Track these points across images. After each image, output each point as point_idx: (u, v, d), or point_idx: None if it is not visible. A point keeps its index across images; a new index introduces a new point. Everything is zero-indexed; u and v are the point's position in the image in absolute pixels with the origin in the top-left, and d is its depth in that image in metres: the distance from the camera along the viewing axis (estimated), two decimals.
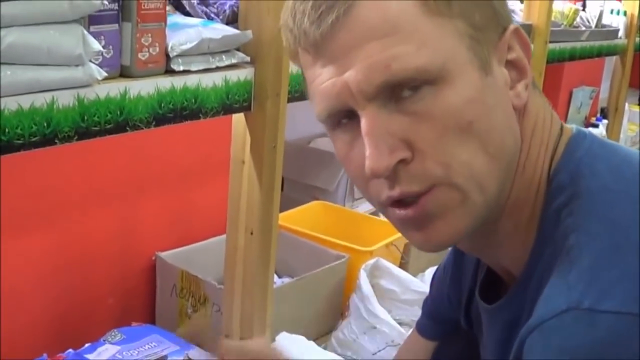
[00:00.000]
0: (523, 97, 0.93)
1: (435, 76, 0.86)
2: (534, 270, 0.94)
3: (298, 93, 1.87)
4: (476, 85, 0.87)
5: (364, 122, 0.88)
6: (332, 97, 0.89)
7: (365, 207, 3.11)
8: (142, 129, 1.48)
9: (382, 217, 2.74)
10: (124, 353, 1.90)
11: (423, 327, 1.43)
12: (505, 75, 0.92)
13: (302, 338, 2.06)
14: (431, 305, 1.40)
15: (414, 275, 2.44)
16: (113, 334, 1.97)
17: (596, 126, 4.80)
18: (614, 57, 4.80)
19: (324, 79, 0.90)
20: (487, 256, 1.08)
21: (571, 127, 1.01)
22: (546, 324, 0.81)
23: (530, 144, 0.96)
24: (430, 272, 2.54)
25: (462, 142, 0.87)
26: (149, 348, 1.94)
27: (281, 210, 2.05)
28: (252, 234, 1.83)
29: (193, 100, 1.58)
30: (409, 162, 0.88)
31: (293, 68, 1.81)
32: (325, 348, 2.17)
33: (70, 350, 1.92)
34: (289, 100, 1.79)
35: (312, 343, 2.08)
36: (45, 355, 1.87)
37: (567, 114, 5.07)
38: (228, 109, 1.67)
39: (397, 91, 0.87)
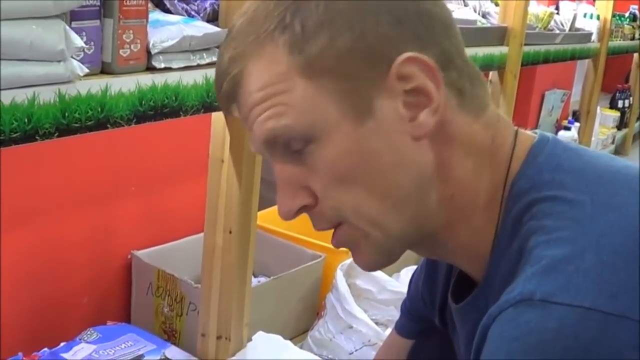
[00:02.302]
0: (426, 125, 0.93)
1: (309, 135, 0.92)
2: (496, 272, 0.96)
3: None
4: (350, 136, 0.91)
5: (274, 171, 0.98)
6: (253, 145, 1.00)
7: None
8: (123, 126, 1.47)
9: None
10: (100, 352, 1.88)
11: (401, 326, 1.45)
12: (397, 110, 0.92)
13: (279, 337, 2.05)
14: (409, 304, 1.41)
15: (390, 275, 2.45)
16: (89, 332, 1.96)
17: (569, 129, 4.83)
18: (586, 61, 4.84)
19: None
20: (449, 261, 1.12)
21: (534, 132, 1.02)
22: (502, 313, 0.84)
23: (464, 161, 0.97)
24: (405, 271, 2.54)
25: (347, 190, 0.94)
26: (125, 347, 1.92)
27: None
28: (230, 233, 1.83)
29: (174, 98, 1.57)
30: (312, 206, 0.97)
31: None
32: (301, 347, 2.17)
33: (46, 349, 1.90)
34: None
35: (288, 342, 2.07)
36: (20, 354, 1.85)
37: (538, 117, 5.10)
38: (208, 107, 1.66)
39: (290, 146, 0.94)
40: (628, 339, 0.78)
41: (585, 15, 4.56)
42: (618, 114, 6.51)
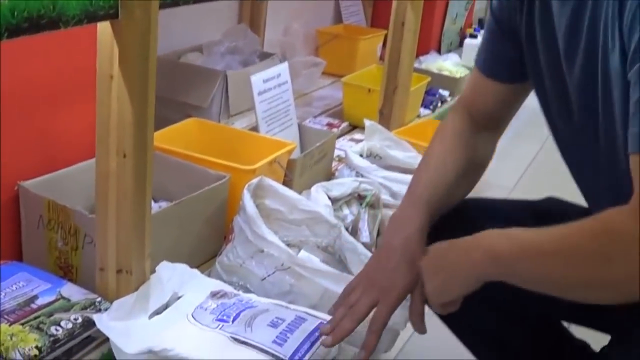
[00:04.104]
0: None
1: None
2: None
3: None
4: None
5: None
6: None
7: (242, 123, 2.98)
8: None
9: (262, 134, 2.61)
10: None
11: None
12: None
13: (184, 266, 1.92)
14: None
15: (299, 193, 2.32)
16: None
17: (475, 37, 4.75)
18: None
19: None
20: None
21: None
22: None
23: None
24: (316, 188, 2.42)
25: None
26: (16, 288, 1.76)
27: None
28: (124, 156, 1.66)
29: (51, 8, 1.39)
30: None
31: None
32: (209, 275, 2.03)
33: None
34: (161, 6, 1.61)
35: (195, 271, 1.94)
36: None
37: (442, 25, 5.03)
38: (92, 17, 1.49)
39: None
40: None
41: None
42: None
